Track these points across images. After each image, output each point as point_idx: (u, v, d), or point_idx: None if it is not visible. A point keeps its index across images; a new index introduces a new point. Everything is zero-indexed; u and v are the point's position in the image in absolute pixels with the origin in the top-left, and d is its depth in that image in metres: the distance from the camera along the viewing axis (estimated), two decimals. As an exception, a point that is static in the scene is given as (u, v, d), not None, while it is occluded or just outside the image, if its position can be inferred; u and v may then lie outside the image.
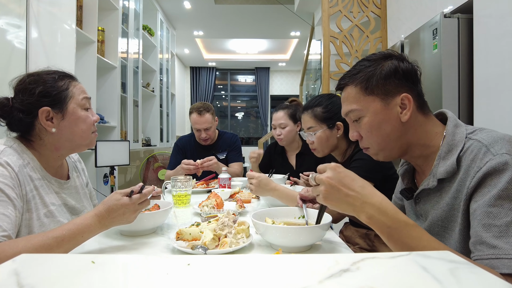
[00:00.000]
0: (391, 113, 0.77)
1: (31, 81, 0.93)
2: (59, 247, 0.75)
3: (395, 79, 0.76)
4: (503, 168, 0.61)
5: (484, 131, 0.72)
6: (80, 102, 0.97)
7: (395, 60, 0.78)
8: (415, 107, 0.77)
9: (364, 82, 0.78)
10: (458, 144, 0.71)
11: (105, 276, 0.44)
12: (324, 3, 3.02)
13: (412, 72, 0.78)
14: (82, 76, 2.67)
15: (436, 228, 0.76)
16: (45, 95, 0.91)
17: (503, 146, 0.64)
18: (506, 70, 1.54)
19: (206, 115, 2.17)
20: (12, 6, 1.94)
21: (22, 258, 0.49)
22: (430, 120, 0.79)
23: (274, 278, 0.43)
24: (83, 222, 0.79)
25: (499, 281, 0.41)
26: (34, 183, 0.90)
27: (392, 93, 0.77)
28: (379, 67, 0.78)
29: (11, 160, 0.85)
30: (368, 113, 0.79)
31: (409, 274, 0.44)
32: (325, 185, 0.68)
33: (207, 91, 8.82)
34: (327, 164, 0.70)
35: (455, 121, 0.77)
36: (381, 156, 0.83)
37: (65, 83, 0.96)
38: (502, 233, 0.59)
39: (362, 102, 0.79)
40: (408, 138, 0.78)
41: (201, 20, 5.75)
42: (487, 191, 0.62)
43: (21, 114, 0.90)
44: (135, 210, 0.85)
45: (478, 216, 0.62)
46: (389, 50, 0.82)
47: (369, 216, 0.66)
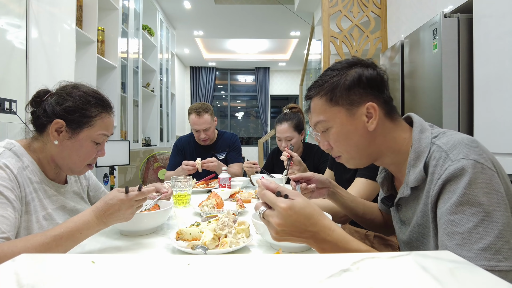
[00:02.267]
0: (357, 123, 0.76)
1: (69, 92, 0.94)
2: (58, 246, 0.74)
3: (359, 88, 0.75)
4: (461, 174, 0.61)
5: (446, 134, 0.71)
6: (95, 135, 0.96)
7: (359, 68, 0.76)
8: (382, 115, 0.76)
9: (329, 93, 0.77)
10: (424, 150, 0.71)
11: (105, 276, 0.44)
12: (324, 3, 3.02)
13: (377, 80, 0.76)
14: (82, 76, 2.67)
15: (415, 235, 0.76)
16: (69, 111, 0.92)
17: (461, 150, 0.64)
18: (506, 70, 1.54)
19: (205, 115, 2.17)
20: (12, 6, 1.94)
21: (22, 258, 0.49)
22: (398, 126, 0.78)
23: (274, 278, 0.43)
24: (81, 219, 0.79)
25: (499, 281, 0.41)
26: (34, 185, 0.90)
27: (357, 103, 0.76)
28: (343, 77, 0.76)
29: (9, 162, 0.85)
30: (335, 124, 0.78)
31: (409, 274, 0.44)
32: (276, 230, 0.63)
33: (207, 91, 8.82)
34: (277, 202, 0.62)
35: (420, 126, 0.76)
36: (352, 164, 0.83)
37: (95, 112, 0.95)
38: (464, 240, 0.58)
39: (328, 113, 0.78)
40: (377, 145, 0.78)
41: (201, 20, 5.75)
42: (448, 198, 0.62)
43: (42, 112, 0.91)
44: (131, 206, 0.84)
45: (443, 225, 0.62)
46: (355, 58, 0.80)
47: (322, 249, 0.65)
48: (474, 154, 0.63)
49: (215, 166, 2.00)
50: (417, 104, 2.16)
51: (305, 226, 0.63)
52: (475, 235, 0.57)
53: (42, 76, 2.16)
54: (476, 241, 0.57)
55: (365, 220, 1.02)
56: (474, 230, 0.58)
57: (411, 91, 2.25)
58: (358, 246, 0.64)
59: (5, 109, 1.86)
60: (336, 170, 1.57)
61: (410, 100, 2.28)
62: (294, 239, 0.65)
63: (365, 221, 1.02)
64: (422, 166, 0.69)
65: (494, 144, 1.61)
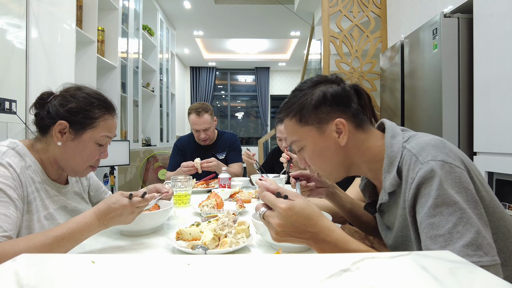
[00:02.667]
0: (328, 139, 0.78)
1: (72, 94, 0.95)
2: (60, 246, 0.75)
3: (326, 106, 0.77)
4: (431, 176, 0.62)
5: (415, 137, 0.72)
6: (98, 137, 0.96)
7: (323, 86, 0.78)
8: (351, 128, 0.77)
9: (298, 114, 0.79)
10: (396, 155, 0.71)
11: (105, 276, 0.44)
12: (324, 3, 3.02)
13: (342, 95, 0.78)
14: (82, 76, 2.67)
15: (400, 239, 0.76)
16: (72, 112, 0.92)
17: (429, 152, 0.65)
18: (506, 70, 1.54)
19: (204, 115, 2.17)
20: (12, 6, 1.94)
21: (22, 258, 0.49)
22: (371, 136, 0.79)
23: (274, 278, 0.43)
24: (83, 221, 0.79)
25: (500, 281, 0.41)
26: (36, 185, 0.91)
27: (326, 120, 0.77)
28: (309, 97, 0.78)
29: (13, 161, 0.85)
30: (307, 143, 0.80)
31: (409, 274, 0.44)
32: (276, 230, 0.64)
33: (207, 91, 8.82)
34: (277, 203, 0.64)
35: (392, 131, 0.76)
36: (331, 179, 0.85)
37: (98, 113, 0.96)
38: (447, 242, 0.58)
39: (299, 133, 0.80)
40: (352, 158, 0.79)
41: (201, 20, 5.75)
42: (425, 202, 0.63)
43: (46, 114, 0.92)
44: (133, 212, 0.85)
45: (424, 229, 0.62)
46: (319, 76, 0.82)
47: (321, 249, 0.65)
48: (442, 155, 0.64)
49: (215, 166, 2.00)
50: (417, 104, 2.16)
51: (305, 226, 0.64)
52: (456, 234, 0.58)
53: (42, 76, 2.16)
54: (457, 239, 0.58)
55: (362, 222, 1.02)
56: (454, 230, 0.58)
57: (411, 91, 2.25)
58: (357, 247, 0.65)
59: (5, 109, 1.86)
60: None
61: (410, 100, 2.28)
62: (294, 239, 0.66)
63: (362, 223, 1.03)
64: (395, 171, 0.70)
65: (494, 144, 1.61)
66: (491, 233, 0.60)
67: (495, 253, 0.57)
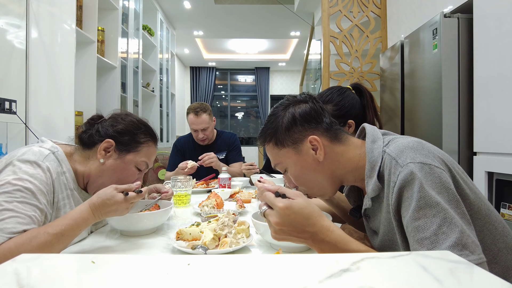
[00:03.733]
0: (306, 158, 0.79)
1: (123, 117, 1.03)
2: (60, 243, 0.76)
3: (297, 126, 0.79)
4: (412, 178, 0.62)
5: (394, 141, 0.72)
6: (139, 161, 1.01)
7: (292, 108, 0.81)
8: (327, 142, 0.78)
9: (273, 139, 0.82)
10: (377, 160, 0.71)
11: (105, 276, 0.44)
12: (324, 3, 3.02)
13: (311, 113, 0.80)
14: (82, 76, 2.67)
15: (386, 243, 0.76)
16: (120, 133, 0.99)
17: (408, 155, 0.65)
18: (506, 70, 1.54)
19: (203, 115, 2.17)
20: (12, 6, 1.94)
21: (22, 258, 0.49)
22: (349, 145, 0.80)
23: (274, 278, 0.43)
24: (80, 216, 0.80)
25: (500, 281, 0.41)
26: (67, 192, 0.93)
27: (300, 140, 0.79)
28: (281, 120, 0.81)
29: (52, 166, 0.88)
30: (288, 164, 0.82)
31: (409, 274, 0.44)
32: (275, 229, 0.66)
33: (207, 91, 8.82)
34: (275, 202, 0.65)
35: (372, 136, 0.77)
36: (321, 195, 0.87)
37: (143, 139, 1.02)
38: (433, 244, 0.59)
39: (279, 156, 0.82)
40: (334, 171, 0.80)
41: (201, 20, 5.75)
42: (408, 205, 0.63)
43: (95, 132, 0.98)
44: (127, 208, 0.87)
45: (411, 233, 0.62)
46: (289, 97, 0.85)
47: (321, 249, 0.66)
48: (420, 156, 0.64)
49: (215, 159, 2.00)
50: (417, 104, 2.16)
51: (303, 226, 0.64)
52: (441, 235, 0.58)
53: (42, 76, 2.16)
54: (443, 240, 0.58)
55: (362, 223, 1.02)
56: (439, 231, 0.58)
57: (411, 91, 2.25)
58: (357, 247, 0.65)
59: (5, 109, 1.86)
60: None
61: (410, 100, 2.28)
62: (293, 238, 0.66)
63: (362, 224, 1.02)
64: (376, 175, 0.70)
65: (494, 144, 1.61)
66: (474, 232, 0.60)
67: (480, 251, 0.58)
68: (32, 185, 0.80)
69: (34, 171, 0.82)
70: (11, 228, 0.72)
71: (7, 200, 0.75)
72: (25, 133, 2.03)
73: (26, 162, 0.83)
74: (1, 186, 0.77)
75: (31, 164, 0.83)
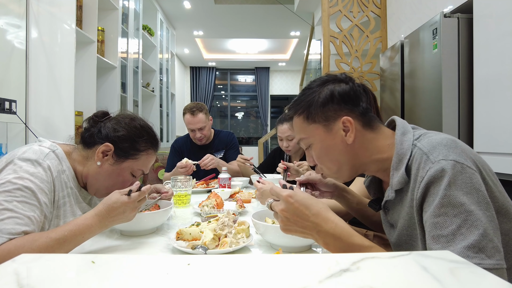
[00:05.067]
0: (335, 137, 0.78)
1: (127, 122, 0.99)
2: (61, 248, 0.75)
3: (333, 104, 0.77)
4: (441, 175, 0.61)
5: (426, 136, 0.71)
6: (135, 168, 1.00)
7: (331, 84, 0.79)
8: (359, 127, 0.77)
9: (305, 112, 0.80)
10: (406, 153, 0.71)
11: (105, 276, 0.44)
12: (324, 3, 3.02)
13: (350, 94, 0.78)
14: (82, 76, 2.67)
15: (403, 237, 0.76)
16: (121, 139, 0.96)
17: (440, 152, 0.64)
18: (506, 70, 1.54)
19: (199, 114, 2.17)
20: (12, 6, 1.94)
21: (22, 258, 0.49)
22: (380, 134, 0.79)
23: (274, 278, 0.43)
24: (84, 223, 0.79)
25: (500, 281, 0.41)
26: (68, 190, 0.93)
27: (333, 118, 0.77)
28: (317, 95, 0.79)
29: (52, 165, 0.87)
30: (315, 141, 0.80)
31: (409, 274, 0.44)
32: (281, 218, 0.68)
33: (207, 91, 8.82)
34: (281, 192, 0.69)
35: (402, 128, 0.76)
36: (339, 178, 0.85)
37: (144, 147, 1.00)
38: (449, 243, 0.58)
39: (307, 131, 0.81)
40: (359, 157, 0.79)
41: (201, 20, 5.75)
42: (432, 201, 0.62)
43: (97, 132, 0.97)
44: (134, 208, 0.86)
45: (428, 228, 0.62)
46: (329, 75, 0.83)
47: (325, 243, 0.67)
48: (454, 155, 0.63)
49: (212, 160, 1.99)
50: (417, 104, 2.16)
51: (307, 216, 0.66)
52: (459, 236, 0.58)
53: (42, 76, 2.16)
54: (460, 241, 0.57)
55: (372, 222, 1.02)
56: (457, 232, 0.58)
57: (411, 91, 2.25)
58: (361, 241, 0.65)
59: (5, 109, 1.86)
60: None
61: (410, 100, 2.28)
62: (299, 229, 0.68)
63: (372, 223, 1.03)
64: (404, 168, 0.70)
65: (494, 144, 1.61)
66: (500, 237, 0.59)
67: (500, 258, 0.56)
68: (33, 184, 0.80)
69: (35, 170, 0.82)
70: (10, 229, 0.72)
71: (7, 199, 0.75)
72: (25, 133, 2.03)
73: (26, 161, 0.83)
74: (1, 185, 0.77)
75: (31, 162, 0.83)
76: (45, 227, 0.85)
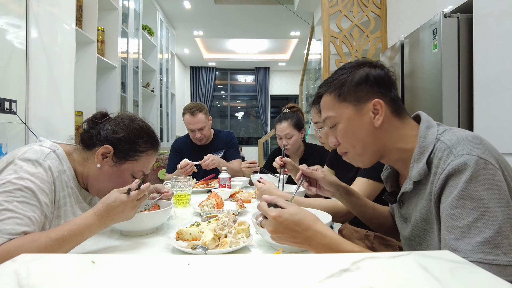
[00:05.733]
0: (364, 118, 0.78)
1: (127, 123, 0.98)
2: (61, 248, 0.75)
3: (367, 86, 0.78)
4: (463, 169, 0.62)
5: (451, 131, 0.72)
6: (136, 170, 1.00)
7: (367, 67, 0.80)
8: (388, 112, 0.78)
9: (338, 90, 0.81)
10: (429, 146, 0.72)
11: (105, 276, 0.44)
12: (324, 3, 3.02)
13: (384, 79, 0.79)
14: (82, 76, 2.67)
15: (417, 231, 0.77)
16: (121, 141, 0.95)
17: (465, 146, 0.65)
18: (506, 70, 1.54)
19: (199, 115, 2.17)
20: (12, 6, 1.94)
21: (22, 258, 0.49)
22: (406, 124, 0.80)
23: (274, 278, 0.43)
24: (84, 222, 0.79)
25: (500, 281, 0.41)
26: (68, 190, 0.93)
27: (364, 99, 0.78)
28: (351, 75, 0.80)
29: (53, 165, 0.87)
30: (342, 120, 0.81)
31: (409, 274, 0.44)
32: (271, 235, 0.71)
33: (207, 91, 8.82)
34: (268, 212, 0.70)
35: (427, 122, 0.77)
36: (359, 161, 0.85)
37: (144, 148, 0.99)
38: (463, 234, 0.59)
39: (336, 109, 0.81)
40: (383, 142, 0.79)
41: (201, 20, 5.75)
42: (450, 193, 0.63)
43: (96, 134, 0.96)
44: (134, 207, 0.86)
45: (443, 219, 0.63)
46: (364, 58, 0.84)
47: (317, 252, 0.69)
48: (478, 151, 0.64)
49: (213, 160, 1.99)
50: (417, 104, 2.16)
51: (297, 232, 0.68)
52: (474, 230, 0.58)
53: (42, 76, 2.16)
54: (474, 235, 0.58)
55: (373, 222, 1.03)
56: (473, 225, 0.58)
57: (411, 91, 2.25)
58: (351, 248, 0.67)
59: (5, 109, 1.86)
60: (337, 168, 1.56)
61: (410, 100, 2.28)
62: (290, 243, 0.70)
63: (374, 224, 1.03)
64: (425, 161, 0.71)
65: (494, 144, 1.59)
66: None
67: None
68: (33, 184, 0.80)
69: (35, 170, 0.82)
70: (10, 229, 0.72)
71: (7, 199, 0.75)
72: (25, 133, 2.03)
73: (27, 161, 0.83)
74: (2, 185, 0.77)
75: (32, 163, 0.83)
76: (46, 227, 0.84)
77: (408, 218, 0.81)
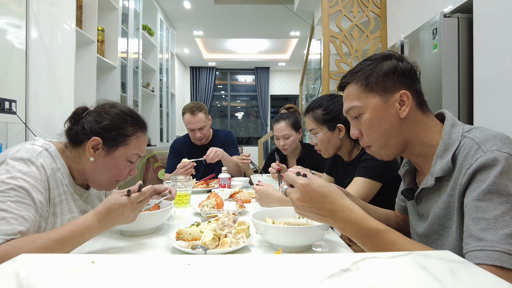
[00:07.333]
0: (390, 109, 0.79)
1: (107, 111, 0.97)
2: (61, 249, 0.75)
3: (394, 77, 0.79)
4: (493, 164, 0.62)
5: (478, 129, 0.72)
6: (129, 154, 0.99)
7: (394, 60, 0.80)
8: (414, 105, 0.79)
9: (364, 80, 0.81)
10: (454, 143, 0.72)
11: (105, 276, 0.44)
12: (324, 3, 3.02)
13: (411, 71, 0.80)
14: (82, 76, 2.67)
15: (434, 227, 0.77)
16: (106, 129, 0.94)
17: (494, 143, 0.65)
18: (506, 70, 1.54)
19: (199, 114, 2.18)
20: (12, 6, 1.94)
21: (22, 258, 0.49)
22: (429, 119, 0.81)
23: (274, 278, 0.43)
24: (84, 223, 0.79)
25: (500, 281, 0.41)
26: (63, 188, 0.93)
27: (391, 90, 0.79)
28: (379, 65, 0.80)
29: (46, 163, 0.87)
30: (367, 110, 0.81)
31: (409, 274, 0.44)
32: (296, 205, 0.70)
33: (207, 91, 8.82)
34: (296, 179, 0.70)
35: (452, 120, 0.78)
36: (383, 153, 0.84)
37: (131, 131, 0.98)
38: (490, 226, 0.59)
39: (362, 99, 0.81)
40: (407, 134, 0.80)
41: (201, 20, 5.75)
42: (477, 186, 0.63)
43: (80, 129, 0.94)
44: (134, 209, 0.84)
45: (468, 211, 0.63)
46: (389, 51, 0.84)
47: (341, 228, 0.69)
48: (508, 148, 0.64)
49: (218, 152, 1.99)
50: (417, 104, 2.16)
51: (323, 203, 0.68)
52: (501, 222, 0.58)
53: (42, 76, 2.16)
54: (502, 227, 0.58)
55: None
56: (500, 218, 0.59)
57: (411, 91, 2.25)
58: (377, 225, 0.66)
59: (5, 109, 1.86)
60: (336, 175, 1.56)
61: (410, 100, 2.28)
62: (314, 215, 0.70)
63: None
64: (450, 157, 0.71)
65: (494, 144, 1.61)
66: None
67: None
68: (26, 183, 0.79)
69: (28, 169, 0.82)
70: (5, 230, 0.72)
71: (1, 200, 0.75)
72: (25, 133, 2.03)
73: (19, 160, 0.82)
74: None
75: (24, 162, 0.82)
76: (42, 226, 0.84)
77: (425, 215, 0.81)
